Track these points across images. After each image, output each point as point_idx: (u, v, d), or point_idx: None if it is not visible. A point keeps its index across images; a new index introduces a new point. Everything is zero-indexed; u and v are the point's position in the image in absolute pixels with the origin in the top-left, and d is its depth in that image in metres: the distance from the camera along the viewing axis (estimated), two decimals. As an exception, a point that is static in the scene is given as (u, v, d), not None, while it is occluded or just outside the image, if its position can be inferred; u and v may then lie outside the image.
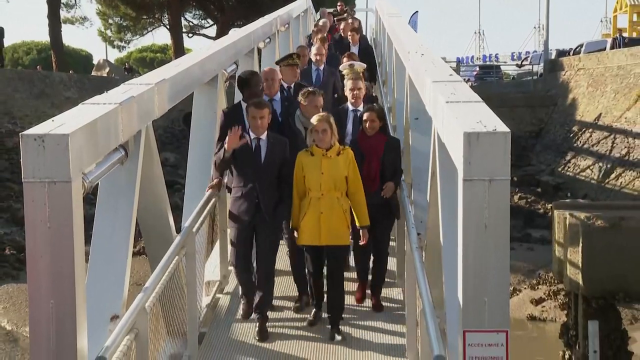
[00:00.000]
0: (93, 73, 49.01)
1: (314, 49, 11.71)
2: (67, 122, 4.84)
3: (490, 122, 4.58)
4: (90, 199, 5.73)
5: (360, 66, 10.31)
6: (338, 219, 7.37)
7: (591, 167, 27.50)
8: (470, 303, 4.46)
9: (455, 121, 4.72)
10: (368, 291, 8.29)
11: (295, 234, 7.52)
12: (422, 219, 7.47)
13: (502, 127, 4.46)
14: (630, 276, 11.85)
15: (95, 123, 5.06)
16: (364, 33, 20.34)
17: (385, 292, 8.36)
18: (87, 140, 4.88)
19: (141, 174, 6.17)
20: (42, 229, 4.55)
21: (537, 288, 18.69)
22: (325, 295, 7.69)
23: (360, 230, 7.56)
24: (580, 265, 12.04)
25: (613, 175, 25.69)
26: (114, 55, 66.15)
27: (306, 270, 7.85)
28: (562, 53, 45.08)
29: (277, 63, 9.72)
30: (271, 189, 7.56)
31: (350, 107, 8.84)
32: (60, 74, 35.89)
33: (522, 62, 55.12)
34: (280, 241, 8.01)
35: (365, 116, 8.09)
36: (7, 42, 41.80)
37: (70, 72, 39.22)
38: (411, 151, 9.20)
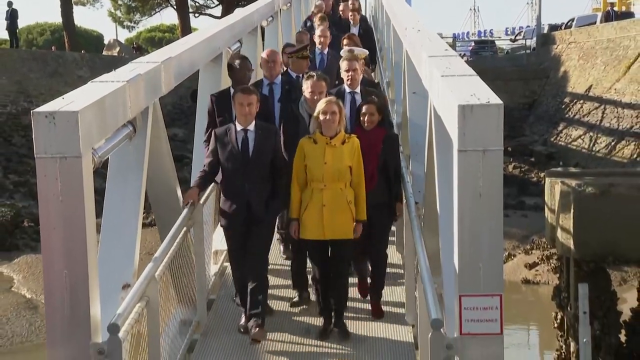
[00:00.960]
0: (104, 52, 48.85)
1: (317, 31, 10.98)
2: (77, 100, 4.83)
3: (484, 95, 4.56)
4: (102, 172, 5.71)
5: (361, 52, 9.45)
6: (342, 212, 6.70)
7: (582, 137, 27.44)
8: (465, 269, 4.46)
9: (450, 94, 4.69)
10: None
11: (294, 227, 6.82)
12: (420, 188, 7.45)
13: (495, 100, 4.44)
14: (619, 240, 11.84)
15: (104, 100, 5.04)
16: (364, 13, 18.75)
17: (387, 291, 7.66)
18: (96, 116, 4.86)
19: (149, 149, 6.15)
20: (55, 203, 4.54)
21: (531, 253, 18.73)
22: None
23: (355, 224, 6.76)
24: (572, 230, 12.04)
25: (603, 144, 25.65)
26: (123, 35, 65.84)
27: (311, 276, 7.14)
28: (554, 27, 44.86)
29: (290, 54, 8.99)
30: (262, 185, 6.76)
31: (347, 89, 7.97)
32: (73, 54, 35.78)
33: (515, 36, 54.83)
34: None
35: (364, 109, 7.30)
36: (22, 23, 41.66)
37: (82, 52, 39.07)
38: (409, 124, 9.16)
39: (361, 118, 7.28)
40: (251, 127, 6.73)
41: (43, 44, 57.79)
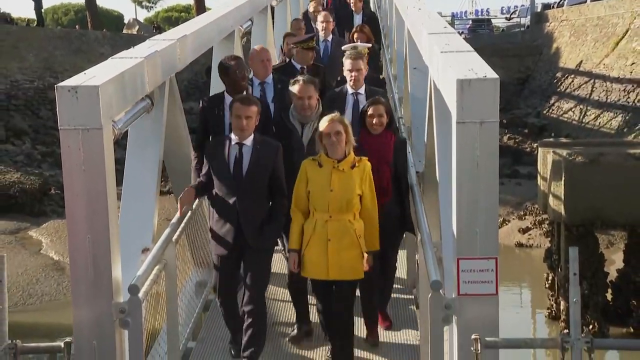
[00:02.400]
0: (124, 31, 48.71)
1: (320, 17, 9.73)
2: (98, 75, 4.81)
3: (481, 69, 4.52)
4: (122, 143, 5.70)
5: (364, 47, 8.24)
6: (350, 248, 5.48)
7: (573, 110, 27.31)
8: (463, 233, 4.45)
9: (449, 69, 4.66)
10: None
11: (293, 259, 5.63)
12: (420, 158, 7.41)
13: (492, 74, 4.41)
14: (607, 206, 11.90)
15: (123, 75, 5.01)
16: None
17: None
18: (116, 90, 4.84)
19: (166, 121, 6.13)
20: (78, 172, 4.53)
21: (524, 218, 18.72)
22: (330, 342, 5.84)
23: (365, 254, 5.56)
24: (563, 197, 12.08)
25: (592, 116, 25.53)
26: (142, 14, 65.87)
27: (316, 307, 6.06)
28: (547, 6, 44.41)
29: (295, 44, 8.07)
30: (255, 207, 5.61)
31: (350, 90, 6.94)
32: (95, 33, 35.66)
33: (510, 15, 54.42)
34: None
35: (371, 110, 6.21)
36: (47, 4, 41.61)
37: (104, 30, 38.93)
38: (410, 97, 9.11)
39: (368, 120, 6.22)
40: (248, 141, 5.61)
41: (67, 23, 57.64)
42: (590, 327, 11.69)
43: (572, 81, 28.93)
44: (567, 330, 12.01)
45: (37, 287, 15.15)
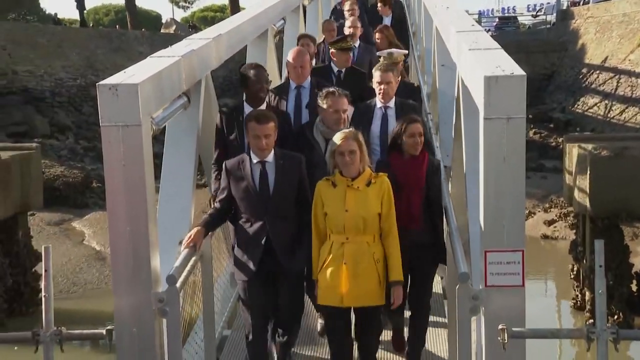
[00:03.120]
0: (162, 31, 48.99)
1: (348, 22, 9.02)
2: (137, 73, 4.81)
3: (508, 66, 4.47)
4: (160, 139, 5.72)
5: (400, 54, 7.56)
6: (368, 272, 4.90)
7: (598, 105, 27.01)
8: (490, 226, 4.40)
9: (477, 66, 4.61)
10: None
11: (317, 290, 5.06)
12: (448, 152, 7.35)
13: (519, 71, 4.36)
14: (632, 198, 11.82)
15: (161, 73, 5.02)
16: None
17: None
18: (154, 88, 4.85)
19: (202, 117, 6.14)
20: (118, 167, 4.54)
21: (550, 211, 18.58)
22: None
23: (392, 288, 4.99)
24: (588, 190, 11.99)
25: (617, 111, 25.25)
26: (179, 14, 66.12)
27: (328, 339, 5.32)
28: (573, 4, 43.95)
29: (330, 44, 7.65)
30: (286, 226, 5.13)
31: (378, 104, 6.28)
32: (134, 32, 35.95)
33: (537, 13, 53.89)
34: None
35: (410, 128, 5.43)
36: (89, 4, 42.04)
37: (142, 30, 39.21)
38: (438, 93, 9.04)
39: (407, 141, 5.45)
40: (270, 158, 5.14)
41: (108, 23, 58.15)
42: (615, 317, 11.60)
43: (597, 77, 28.61)
44: (592, 321, 11.91)
45: (81, 275, 15.34)
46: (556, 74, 33.02)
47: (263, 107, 5.87)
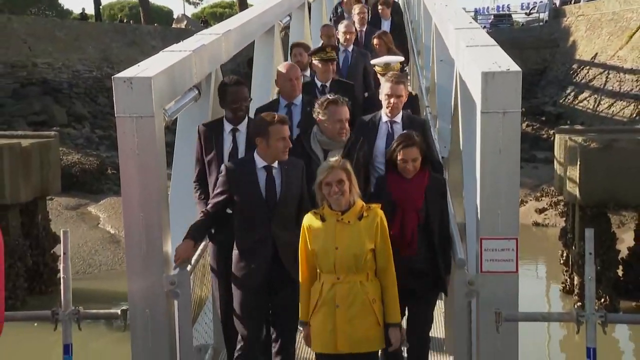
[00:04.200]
0: (173, 26, 48.89)
1: (341, 27, 8.25)
2: (151, 67, 4.81)
3: (504, 63, 4.46)
4: (172, 129, 5.70)
5: (396, 62, 6.60)
6: (363, 315, 4.24)
7: (587, 99, 26.92)
8: (486, 215, 4.40)
9: (474, 62, 4.59)
10: None
11: (306, 333, 4.41)
12: (446, 144, 7.33)
13: (515, 67, 4.35)
14: (619, 188, 11.81)
15: (174, 67, 5.01)
16: None
17: None
18: (167, 81, 4.84)
19: (212, 109, 6.12)
20: (132, 156, 4.54)
21: (541, 200, 18.55)
22: None
23: (389, 329, 4.32)
24: (578, 180, 11.98)
25: (606, 105, 25.16)
26: (190, 10, 66.00)
27: None
28: (564, 2, 43.73)
29: (309, 55, 6.90)
30: (291, 234, 4.57)
31: (384, 118, 5.54)
32: (147, 27, 35.85)
33: (530, 11, 53.63)
34: None
35: (401, 155, 4.76)
36: (105, 1, 42.01)
37: (155, 25, 39.11)
38: (437, 88, 9.01)
39: (400, 165, 4.79)
40: (275, 163, 4.71)
41: (122, 18, 58.03)
42: (602, 300, 11.61)
43: (587, 72, 28.50)
44: (581, 304, 11.96)
45: (96, 257, 15.35)
46: (548, 70, 32.89)
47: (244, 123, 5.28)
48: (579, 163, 11.93)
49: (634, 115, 22.86)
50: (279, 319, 4.75)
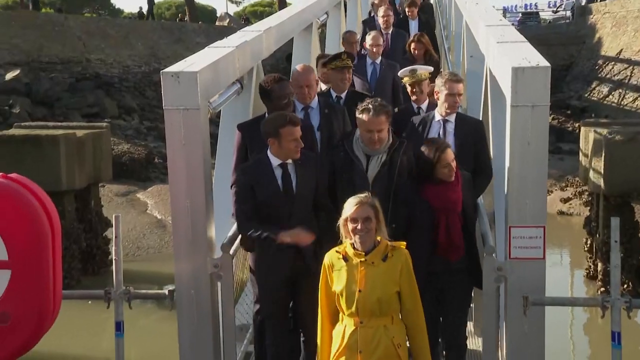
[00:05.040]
0: (217, 23, 49.03)
1: (369, 39, 7.40)
2: (196, 62, 4.82)
3: (534, 58, 4.38)
4: (216, 121, 5.71)
5: (425, 70, 5.97)
6: None
7: (612, 93, 26.43)
8: (514, 204, 4.34)
9: (505, 58, 4.52)
10: None
11: None
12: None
13: (544, 63, 4.29)
14: None
15: (218, 62, 5.01)
16: None
17: None
18: (212, 76, 4.84)
19: (253, 102, 6.12)
20: (179, 146, 4.55)
21: (566, 189, 18.30)
22: None
23: None
24: (602, 170, 11.84)
25: (630, 99, 24.69)
26: (232, 9, 66.13)
27: None
28: (591, 0, 43.02)
29: (324, 64, 6.30)
30: (310, 226, 4.51)
31: (437, 117, 5.18)
32: (192, 25, 35.99)
33: (557, 8, 52.84)
34: None
35: (444, 159, 4.45)
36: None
37: (200, 23, 39.27)
38: (467, 82, 8.90)
39: (439, 170, 4.47)
40: (289, 159, 4.59)
41: (169, 16, 58.43)
42: (625, 286, 11.45)
43: (612, 68, 27.99)
44: (604, 289, 11.78)
45: (144, 241, 15.52)
46: (574, 65, 32.36)
47: None
48: (603, 154, 11.78)
49: (658, 109, 22.40)
50: (302, 316, 4.65)
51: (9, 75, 23.41)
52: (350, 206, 3.85)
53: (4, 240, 3.42)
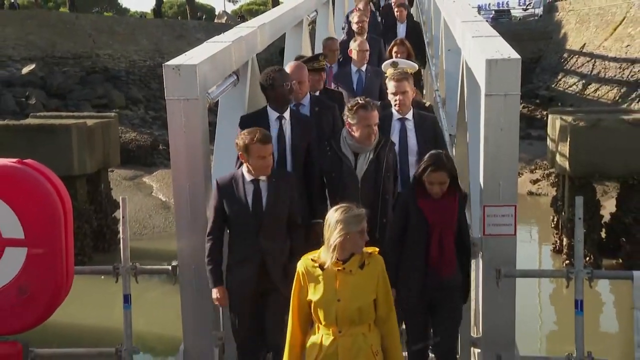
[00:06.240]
0: (215, 21, 48.73)
1: (354, 45, 6.61)
2: (196, 56, 4.77)
3: (506, 51, 4.37)
4: (214, 110, 5.65)
5: (409, 66, 5.78)
6: None
7: (576, 84, 26.47)
8: (488, 185, 4.33)
9: (480, 51, 4.49)
10: None
11: None
12: (453, 123, 7.22)
13: (515, 55, 4.27)
14: (604, 162, 11.76)
15: (216, 56, 4.96)
16: None
17: None
18: (210, 68, 4.79)
19: (249, 92, 6.06)
20: (180, 133, 4.52)
21: (534, 172, 18.36)
22: None
23: None
24: (568, 154, 11.90)
25: (592, 89, 24.74)
26: (229, 7, 65.83)
27: None
28: (556, -2, 42.99)
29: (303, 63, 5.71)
30: (279, 245, 4.21)
31: (396, 115, 5.01)
32: (193, 22, 35.78)
33: (526, 7, 52.80)
34: None
35: (429, 177, 4.05)
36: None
37: (199, 20, 39.02)
38: (445, 74, 8.87)
39: (428, 187, 4.09)
40: (263, 176, 4.24)
41: (171, 15, 58.04)
42: (587, 259, 11.53)
43: (577, 60, 28.02)
44: (568, 262, 11.83)
45: (150, 221, 15.46)
46: (542, 58, 32.36)
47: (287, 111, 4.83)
48: (568, 140, 11.84)
49: (617, 98, 22.48)
50: (269, 332, 4.28)
51: (25, 70, 23.26)
52: (357, 221, 3.39)
53: (21, 220, 3.41)
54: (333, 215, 3.42)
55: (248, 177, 4.25)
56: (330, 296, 3.41)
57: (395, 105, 5.02)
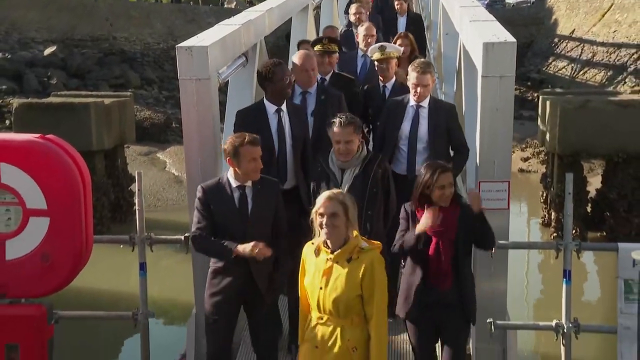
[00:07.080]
0: (225, 6, 48.31)
1: (362, 29, 6.38)
2: (207, 38, 4.73)
3: (502, 35, 4.32)
4: (224, 89, 5.61)
5: (394, 50, 5.51)
6: None
7: (566, 67, 26.28)
8: (484, 162, 4.32)
9: (477, 35, 4.43)
10: None
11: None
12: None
13: (510, 39, 4.23)
14: (591, 141, 11.71)
15: (226, 38, 4.92)
16: None
17: None
18: (220, 50, 4.75)
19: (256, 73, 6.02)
20: (192, 111, 4.49)
21: (525, 150, 18.29)
22: None
23: None
24: (557, 134, 11.86)
25: (581, 73, 24.58)
26: (239, -7, 65.21)
27: None
28: (548, -14, 42.49)
29: (311, 45, 5.71)
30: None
31: (412, 102, 4.80)
32: (204, 7, 35.52)
33: (519, -7, 52.24)
34: None
35: (439, 181, 3.68)
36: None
37: (210, 5, 38.67)
38: (443, 57, 8.79)
39: (436, 192, 3.71)
40: (248, 182, 3.91)
41: (184, 0, 57.56)
42: (574, 231, 11.45)
43: (566, 45, 27.79)
44: (556, 234, 11.82)
45: (163, 194, 15.47)
46: (534, 43, 32.07)
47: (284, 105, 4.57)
48: (558, 120, 11.81)
49: (604, 80, 22.37)
50: (256, 340, 4.01)
51: (47, 51, 23.19)
52: (320, 200, 3.30)
53: (44, 192, 3.41)
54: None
55: (234, 183, 3.91)
56: (315, 282, 3.28)
57: (414, 95, 4.78)
